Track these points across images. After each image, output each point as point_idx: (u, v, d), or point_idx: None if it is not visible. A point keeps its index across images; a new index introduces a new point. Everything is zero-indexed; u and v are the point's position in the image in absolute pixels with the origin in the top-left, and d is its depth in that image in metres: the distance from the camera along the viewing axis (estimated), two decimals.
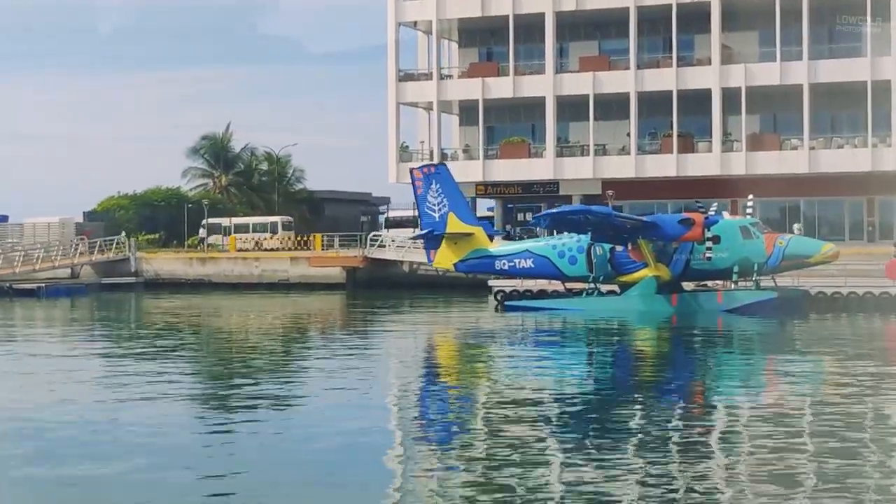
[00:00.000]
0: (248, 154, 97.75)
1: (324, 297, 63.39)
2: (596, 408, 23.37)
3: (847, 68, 68.95)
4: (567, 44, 76.52)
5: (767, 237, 46.93)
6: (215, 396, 25.80)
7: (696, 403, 24.60)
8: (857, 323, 44.44)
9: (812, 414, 22.38)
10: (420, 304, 56.12)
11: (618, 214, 47.79)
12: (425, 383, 28.47)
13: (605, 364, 32.47)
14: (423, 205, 50.61)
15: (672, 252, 47.38)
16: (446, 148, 78.94)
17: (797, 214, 72.81)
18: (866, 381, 26.75)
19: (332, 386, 26.32)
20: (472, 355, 35.05)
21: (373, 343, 38.99)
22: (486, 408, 23.29)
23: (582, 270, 48.33)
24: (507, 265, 49.64)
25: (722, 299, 46.35)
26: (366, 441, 19.34)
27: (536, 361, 32.69)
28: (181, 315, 51.96)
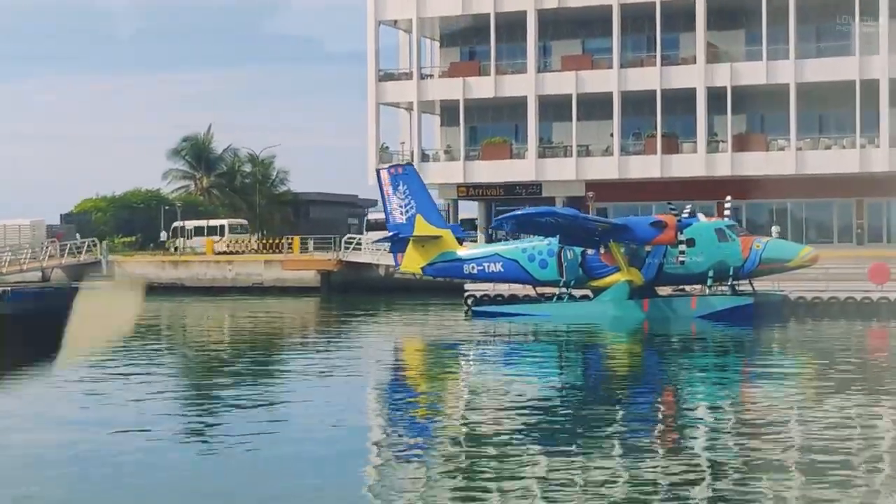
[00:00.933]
0: (231, 155, 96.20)
1: (297, 301, 61.90)
2: (555, 426, 22.30)
3: (835, 67, 67.30)
4: (549, 42, 74.90)
5: (744, 240, 45.34)
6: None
7: (660, 417, 23.35)
8: (837, 329, 42.83)
9: (782, 426, 21.52)
10: (394, 309, 54.65)
11: (586, 217, 46.23)
12: (385, 396, 27.11)
13: (564, 376, 30.90)
14: (389, 206, 49.01)
15: (645, 256, 45.77)
16: (428, 149, 77.38)
17: (784, 216, 71.30)
18: (841, 390, 25.79)
19: (288, 397, 25.40)
20: (435, 366, 33.65)
21: (334, 352, 37.31)
22: (449, 421, 22.60)
23: (552, 275, 46.75)
24: (475, 269, 48.04)
25: (696, 305, 44.74)
26: (332, 454, 18.76)
27: (497, 372, 31.36)
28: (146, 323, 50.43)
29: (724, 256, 44.97)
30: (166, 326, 48.57)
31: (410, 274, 50.32)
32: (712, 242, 45.04)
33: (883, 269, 49.18)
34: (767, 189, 69.80)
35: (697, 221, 46.34)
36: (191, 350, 38.06)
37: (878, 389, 26.30)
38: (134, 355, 33.51)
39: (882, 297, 47.73)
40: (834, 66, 67.29)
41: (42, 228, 77.53)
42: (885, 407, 23.72)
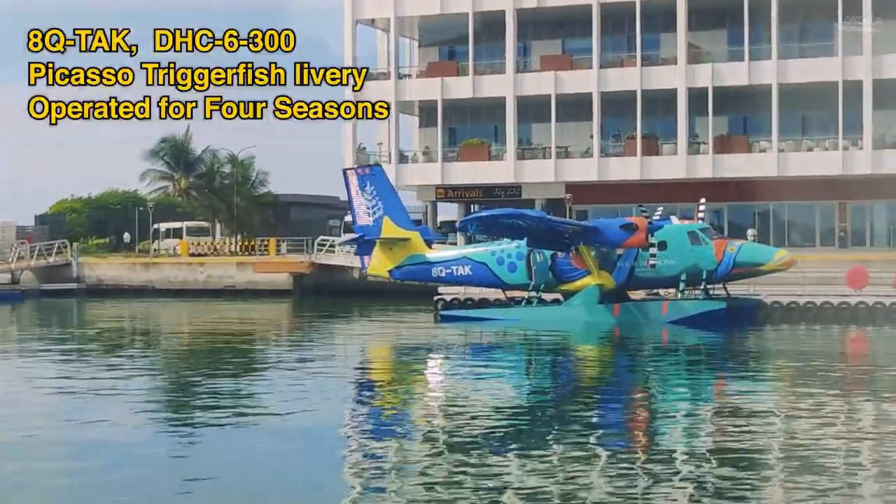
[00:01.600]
0: (210, 156, 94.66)
1: (267, 304, 60.72)
2: (520, 431, 21.65)
3: (817, 68, 66.27)
4: (530, 42, 73.82)
5: (717, 243, 44.21)
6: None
7: (627, 424, 22.80)
8: (811, 335, 41.73)
9: (748, 431, 20.99)
10: (366, 313, 53.51)
11: (554, 219, 45.05)
12: (350, 405, 26.00)
13: (526, 383, 29.79)
14: (356, 208, 47.86)
15: (616, 259, 44.63)
16: (406, 150, 76.28)
17: (766, 219, 70.25)
18: (814, 398, 24.99)
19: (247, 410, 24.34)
20: (399, 374, 32.59)
21: (298, 358, 36.13)
22: (413, 428, 22.26)
23: (522, 278, 45.61)
24: (444, 272, 46.88)
25: (667, 310, 43.58)
26: (295, 466, 18.27)
27: (458, 379, 30.51)
28: (103, 329, 49.34)
29: (697, 260, 43.84)
30: (121, 330, 47.36)
31: (379, 277, 48.99)
32: (685, 245, 43.92)
33: (861, 273, 48.09)
34: (749, 191, 68.77)
35: (670, 224, 45.14)
36: (145, 354, 36.80)
37: (848, 398, 25.22)
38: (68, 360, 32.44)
39: (860, 303, 46.62)
40: (817, 67, 66.25)
41: (12, 230, 76.31)
42: (852, 414, 22.70)
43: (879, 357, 36.44)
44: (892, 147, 65.29)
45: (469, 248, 48.33)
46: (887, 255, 60.00)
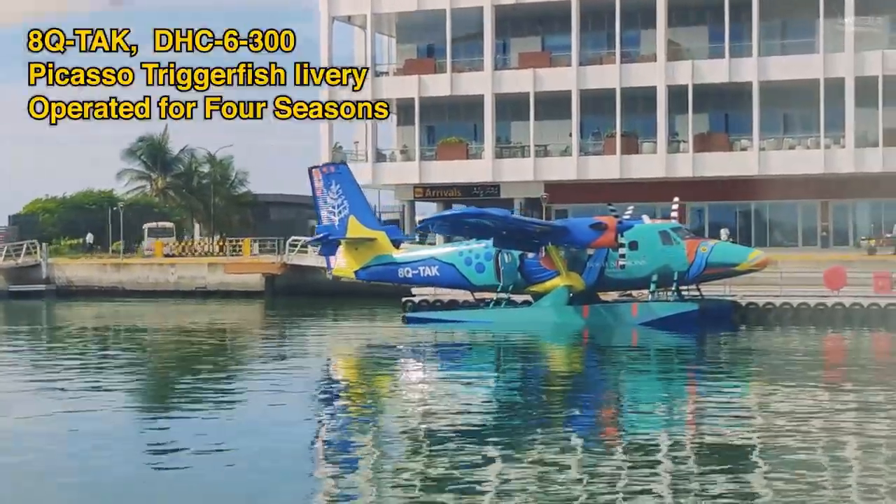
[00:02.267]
0: (188, 156, 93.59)
1: (239, 306, 59.57)
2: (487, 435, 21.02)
3: (799, 65, 65.19)
4: (509, 39, 72.72)
5: (689, 243, 43.05)
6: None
7: (593, 428, 22.16)
8: (785, 337, 40.58)
9: (722, 444, 20.18)
10: (339, 314, 52.41)
11: (519, 218, 43.94)
12: (315, 411, 25.16)
13: (486, 388, 28.61)
14: (321, 207, 46.69)
15: (586, 260, 43.49)
16: (384, 149, 75.15)
17: (748, 218, 69.21)
18: (785, 403, 24.32)
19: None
20: (363, 378, 31.56)
21: (263, 361, 34.99)
22: (381, 433, 21.69)
23: (490, 279, 44.47)
24: (410, 273, 45.72)
25: (637, 312, 42.42)
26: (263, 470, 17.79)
27: (419, 381, 29.61)
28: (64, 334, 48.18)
29: (669, 260, 42.70)
30: (83, 334, 46.19)
31: (345, 278, 47.79)
32: (656, 245, 42.79)
33: (839, 273, 47.00)
34: (730, 190, 67.76)
35: (641, 223, 44.00)
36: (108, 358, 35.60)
37: (819, 404, 24.13)
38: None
39: (837, 304, 45.52)
40: (798, 64, 65.18)
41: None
42: (824, 418, 21.64)
43: (851, 362, 35.25)
44: (875, 145, 64.15)
45: (436, 248, 47.13)
46: (870, 255, 58.97)
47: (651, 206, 69.11)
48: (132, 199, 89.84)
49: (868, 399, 24.81)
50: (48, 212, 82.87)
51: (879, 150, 63.86)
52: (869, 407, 23.78)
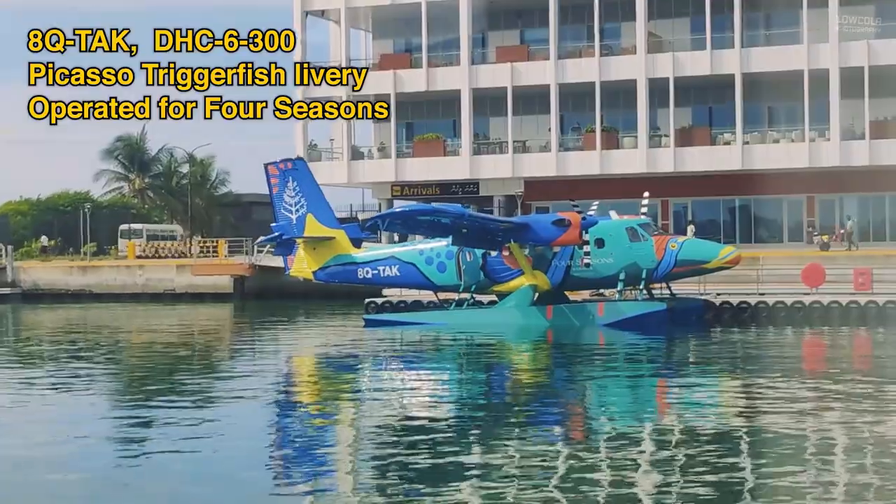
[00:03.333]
0: (168, 156, 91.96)
1: (207, 309, 57.90)
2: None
3: (782, 57, 63.39)
4: (487, 33, 70.94)
5: (658, 240, 41.28)
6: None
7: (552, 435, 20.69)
8: (761, 338, 38.74)
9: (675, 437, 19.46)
10: (311, 316, 50.85)
11: (478, 215, 42.17)
12: (274, 417, 23.75)
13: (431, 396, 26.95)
14: (279, 205, 44.97)
15: (552, 258, 41.73)
16: (362, 146, 73.43)
17: (732, 214, 67.47)
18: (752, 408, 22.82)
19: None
20: (322, 383, 29.90)
21: (221, 366, 33.40)
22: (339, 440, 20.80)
23: (452, 279, 42.78)
24: (370, 273, 43.99)
25: (603, 312, 40.63)
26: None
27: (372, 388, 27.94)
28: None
29: (637, 258, 40.95)
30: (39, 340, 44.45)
31: (303, 279, 46.00)
32: (623, 242, 41.03)
33: (817, 270, 45.31)
34: (713, 186, 66.00)
35: (609, 220, 42.23)
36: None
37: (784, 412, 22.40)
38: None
39: (814, 302, 43.77)
40: (781, 56, 63.39)
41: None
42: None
43: (823, 363, 33.44)
44: (861, 138, 62.35)
45: (397, 247, 45.35)
46: (863, 251, 57.20)
47: (634, 203, 67.69)
48: (110, 201, 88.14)
49: (843, 402, 23.09)
50: (20, 214, 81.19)
51: (866, 142, 62.09)
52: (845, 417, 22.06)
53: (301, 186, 44.42)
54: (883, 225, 64.03)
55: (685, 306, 43.09)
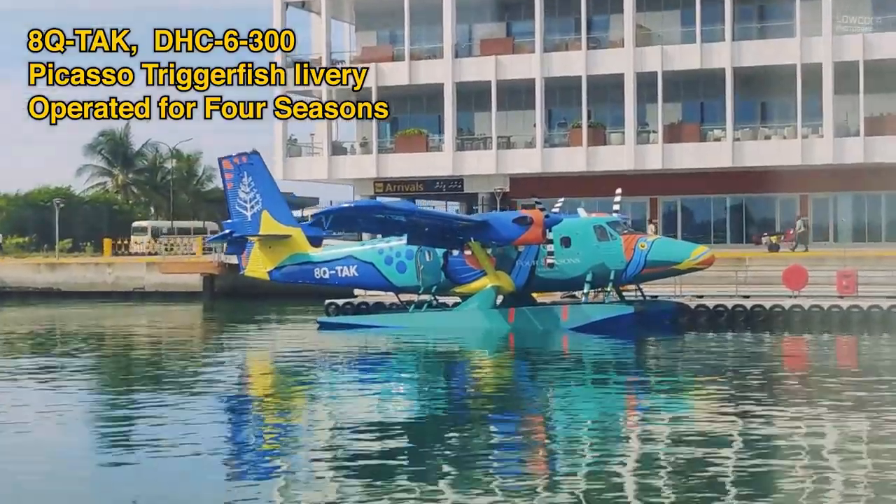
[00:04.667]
0: (153, 151, 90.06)
1: (176, 308, 55.89)
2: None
3: (774, 50, 61.16)
4: (473, 26, 68.71)
5: (627, 239, 39.09)
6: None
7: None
8: (735, 344, 36.62)
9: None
10: (282, 317, 48.89)
11: (429, 211, 40.14)
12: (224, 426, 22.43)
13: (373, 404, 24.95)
14: (233, 201, 42.93)
15: (516, 258, 39.60)
16: (344, 141, 71.39)
17: (723, 212, 65.24)
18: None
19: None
20: (272, 390, 28.09)
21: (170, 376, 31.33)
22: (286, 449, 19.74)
23: (412, 280, 40.75)
24: (327, 273, 41.96)
25: (568, 315, 38.47)
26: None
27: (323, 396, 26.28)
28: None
29: (604, 258, 38.80)
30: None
31: (258, 279, 43.88)
32: (590, 242, 38.89)
33: (799, 272, 43.16)
34: (703, 184, 63.81)
35: (575, 217, 40.10)
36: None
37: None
38: None
39: (795, 306, 41.60)
40: (773, 49, 61.14)
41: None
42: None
43: (788, 372, 31.24)
44: (856, 135, 60.06)
45: (355, 245, 43.20)
46: (850, 251, 54.81)
47: (622, 200, 65.45)
48: (92, 196, 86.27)
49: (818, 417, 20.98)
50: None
51: (860, 139, 59.79)
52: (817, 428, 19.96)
53: (256, 182, 42.39)
54: (878, 225, 61.72)
55: (657, 309, 40.99)
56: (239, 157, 43.23)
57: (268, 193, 42.50)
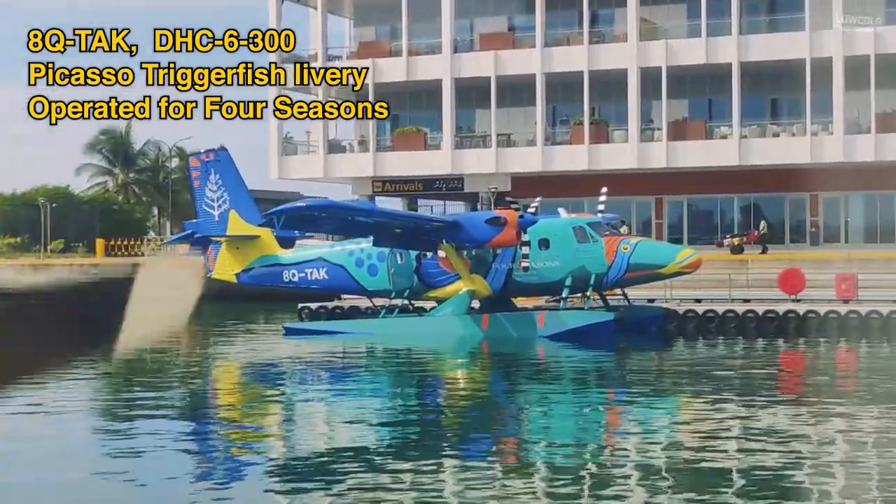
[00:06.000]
0: (155, 150, 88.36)
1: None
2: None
3: (783, 44, 58.81)
4: (473, 20, 66.59)
5: (608, 241, 36.88)
6: None
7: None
8: (722, 352, 34.38)
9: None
10: (270, 320, 46.83)
11: (390, 211, 38.08)
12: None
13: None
14: (200, 200, 41.02)
15: (492, 260, 37.49)
16: (343, 139, 69.49)
17: (731, 213, 62.89)
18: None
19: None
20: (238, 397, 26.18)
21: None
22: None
23: (384, 283, 38.69)
24: (296, 276, 39.96)
25: (544, 322, 36.28)
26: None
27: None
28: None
29: (584, 261, 36.62)
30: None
31: (225, 281, 41.85)
32: (570, 244, 36.73)
33: (796, 276, 40.92)
34: (709, 183, 61.49)
35: (555, 218, 37.95)
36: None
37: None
38: None
39: (789, 311, 39.25)
40: (782, 43, 58.81)
41: None
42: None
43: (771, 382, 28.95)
44: (867, 132, 57.61)
45: (325, 247, 41.13)
46: (862, 253, 52.42)
47: (627, 200, 63.36)
48: (92, 196, 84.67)
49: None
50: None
51: (872, 136, 57.35)
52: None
53: (224, 180, 40.46)
54: (892, 225, 59.19)
55: (643, 315, 38.83)
56: (206, 154, 41.33)
57: (236, 192, 40.57)
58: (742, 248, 54.35)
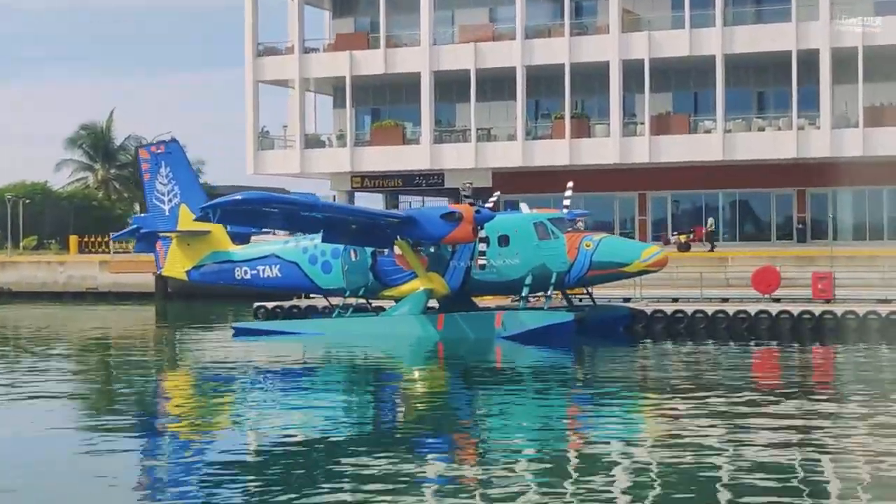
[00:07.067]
0: (136, 145, 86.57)
1: (128, 310, 52.53)
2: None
3: (768, 36, 57.25)
4: (454, 11, 64.92)
5: (570, 238, 35.27)
6: None
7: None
8: (696, 356, 32.66)
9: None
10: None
11: (335, 205, 36.56)
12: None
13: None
14: (150, 194, 39.46)
15: (450, 258, 35.90)
16: (322, 133, 67.91)
17: (715, 210, 61.25)
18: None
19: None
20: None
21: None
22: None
23: (338, 281, 37.14)
24: (248, 274, 38.41)
25: (502, 323, 34.69)
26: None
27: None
28: None
29: (545, 259, 35.06)
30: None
31: (176, 279, 40.35)
32: (530, 240, 35.17)
33: (770, 274, 39.32)
34: (692, 178, 59.88)
35: (516, 213, 36.38)
36: None
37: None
38: None
39: (761, 312, 37.58)
40: (767, 35, 57.25)
41: None
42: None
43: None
44: (854, 126, 55.96)
45: (278, 244, 39.49)
46: (850, 250, 50.72)
47: (609, 196, 61.82)
48: (71, 192, 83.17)
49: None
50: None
51: (859, 131, 55.73)
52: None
53: (174, 173, 38.90)
54: (880, 222, 57.54)
55: (609, 315, 37.20)
56: (157, 146, 39.78)
57: (187, 185, 39.00)
58: (689, 245, 52.75)
